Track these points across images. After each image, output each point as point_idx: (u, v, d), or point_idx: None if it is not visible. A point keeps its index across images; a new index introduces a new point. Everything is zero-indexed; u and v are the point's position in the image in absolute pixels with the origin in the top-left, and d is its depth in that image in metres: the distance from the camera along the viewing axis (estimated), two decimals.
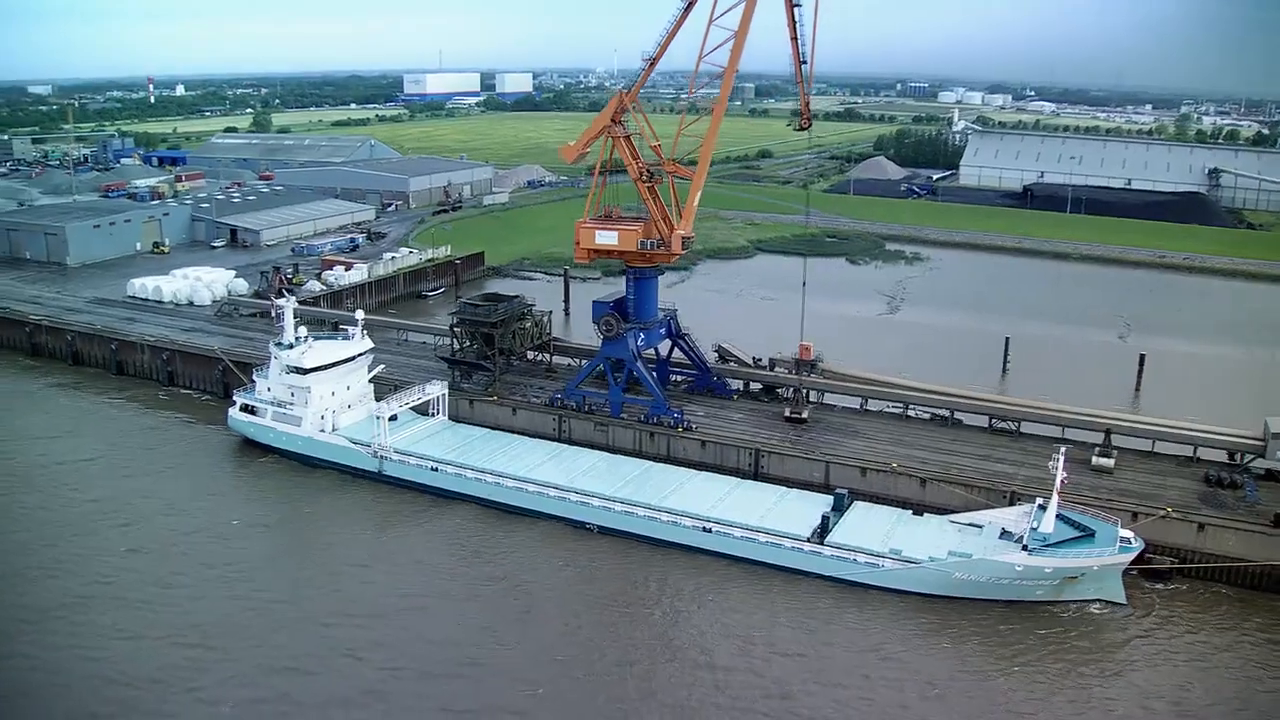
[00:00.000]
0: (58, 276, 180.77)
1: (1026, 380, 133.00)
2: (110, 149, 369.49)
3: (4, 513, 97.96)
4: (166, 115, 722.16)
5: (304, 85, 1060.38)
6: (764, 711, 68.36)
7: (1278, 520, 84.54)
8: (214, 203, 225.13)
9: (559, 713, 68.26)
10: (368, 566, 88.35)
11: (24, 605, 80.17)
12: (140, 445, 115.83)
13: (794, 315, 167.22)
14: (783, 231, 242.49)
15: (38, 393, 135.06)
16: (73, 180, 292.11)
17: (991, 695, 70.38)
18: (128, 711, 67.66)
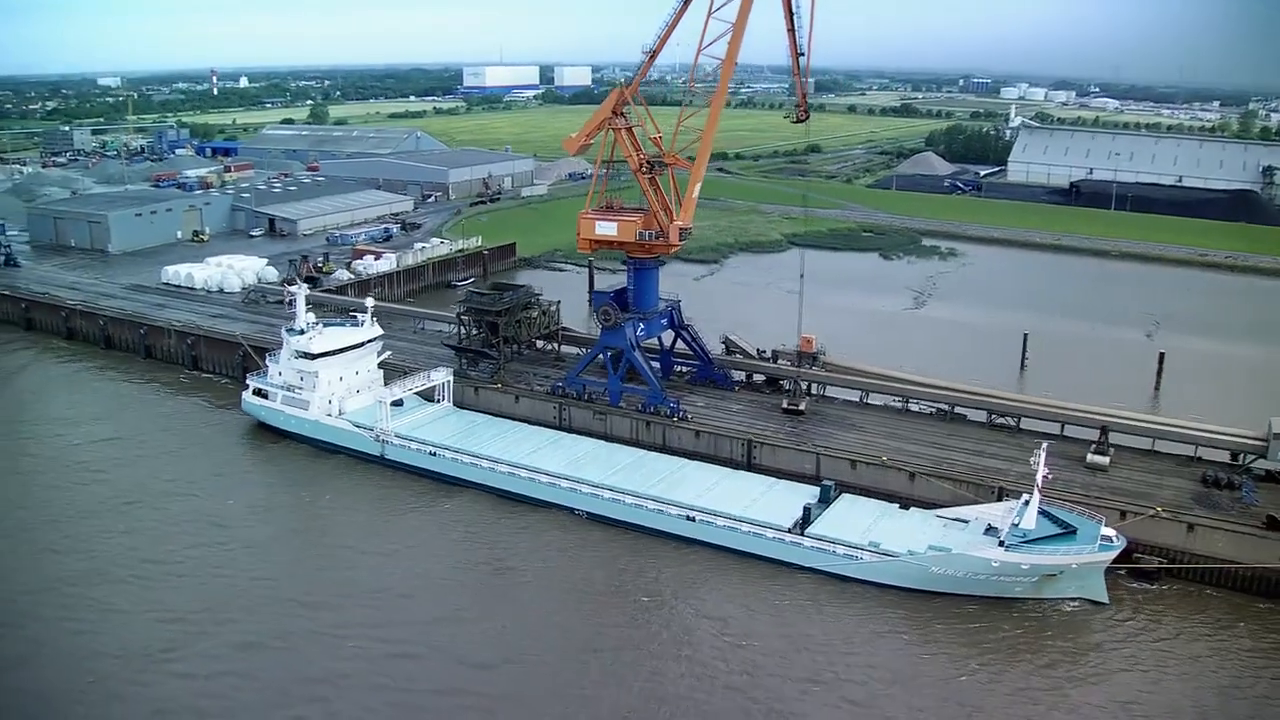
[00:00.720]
0: (99, 263, 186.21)
1: (1044, 377, 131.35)
2: (165, 140, 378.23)
3: (18, 490, 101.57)
4: (228, 107, 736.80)
5: (366, 78, 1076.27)
6: (722, 699, 68.73)
7: (1270, 522, 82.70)
8: (254, 193, 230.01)
9: (515, 695, 69.19)
10: (351, 547, 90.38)
11: (21, 580, 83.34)
12: (157, 426, 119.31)
13: (818, 309, 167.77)
14: (819, 226, 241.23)
15: (69, 375, 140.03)
16: (125, 170, 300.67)
17: (954, 692, 69.80)
18: (105, 679, 70.01)
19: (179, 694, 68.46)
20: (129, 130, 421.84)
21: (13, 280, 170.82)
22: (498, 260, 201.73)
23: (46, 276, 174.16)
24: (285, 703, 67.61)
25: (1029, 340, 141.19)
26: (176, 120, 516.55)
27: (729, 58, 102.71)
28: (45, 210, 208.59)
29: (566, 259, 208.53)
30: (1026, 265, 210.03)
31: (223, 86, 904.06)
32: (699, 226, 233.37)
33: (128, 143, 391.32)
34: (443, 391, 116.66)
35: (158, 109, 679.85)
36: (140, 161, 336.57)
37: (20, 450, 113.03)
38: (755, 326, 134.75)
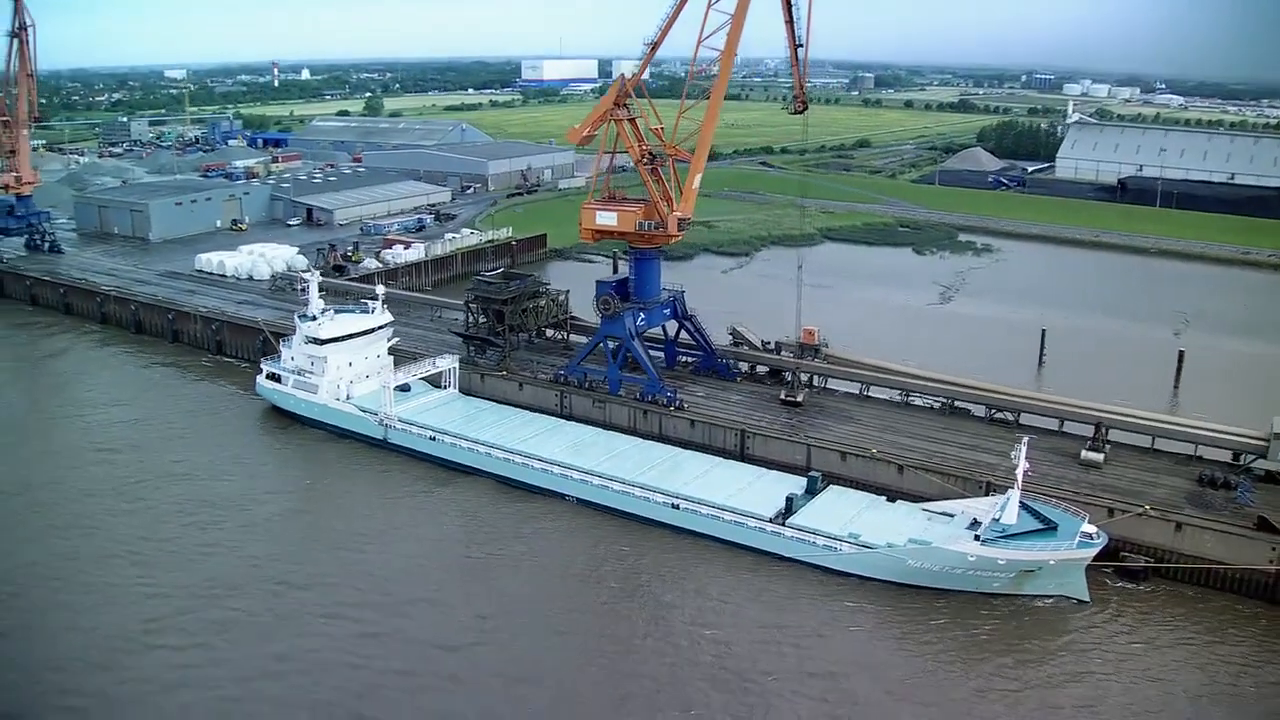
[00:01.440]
0: (139, 250, 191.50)
1: (1062, 374, 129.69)
2: (218, 131, 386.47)
3: (32, 467, 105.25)
4: (288, 99, 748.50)
5: (427, 71, 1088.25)
6: (677, 680, 69.31)
7: (1261, 523, 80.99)
8: (293, 183, 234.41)
9: (472, 672, 70.57)
10: (340, 529, 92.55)
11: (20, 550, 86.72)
12: (173, 409, 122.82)
13: (842, 302, 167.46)
14: (855, 220, 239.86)
15: (100, 358, 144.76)
16: (176, 160, 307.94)
17: (910, 689, 69.27)
18: (87, 649, 72.72)
19: (153, 665, 70.68)
20: (186, 122, 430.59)
21: (54, 266, 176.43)
22: (528, 251, 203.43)
23: (86, 263, 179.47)
24: (246, 677, 69.50)
25: (1049, 337, 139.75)
26: (234, 112, 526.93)
27: (728, 49, 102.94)
28: (91, 199, 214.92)
29: (597, 251, 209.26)
30: (1062, 262, 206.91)
31: (284, 79, 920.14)
32: (732, 220, 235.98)
33: (183, 134, 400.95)
34: (449, 378, 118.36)
35: (219, 101, 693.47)
36: (193, 152, 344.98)
37: (48, 429, 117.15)
38: (775, 319, 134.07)
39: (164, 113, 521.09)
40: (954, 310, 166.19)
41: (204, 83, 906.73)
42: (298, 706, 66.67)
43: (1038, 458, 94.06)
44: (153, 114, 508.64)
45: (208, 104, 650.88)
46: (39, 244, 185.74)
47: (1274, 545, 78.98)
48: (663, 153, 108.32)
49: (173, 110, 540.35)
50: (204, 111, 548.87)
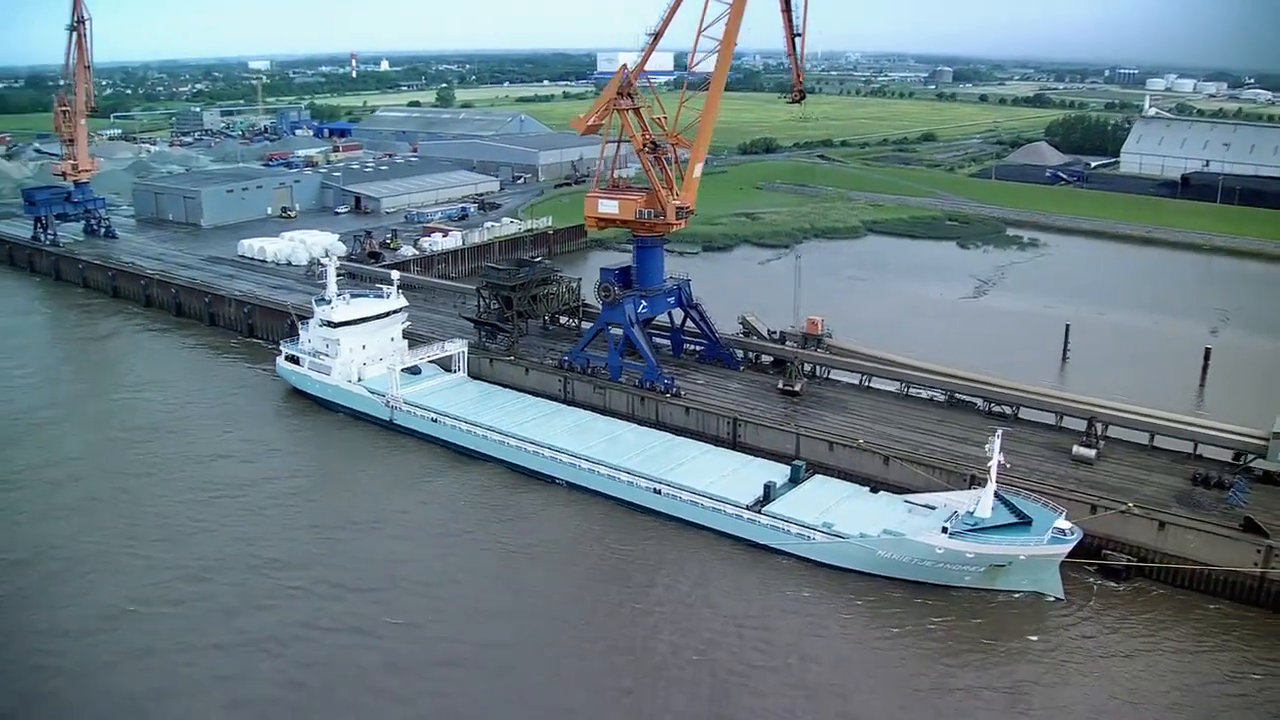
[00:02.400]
0: (189, 236, 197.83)
1: (1085, 370, 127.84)
2: (286, 121, 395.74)
3: (53, 445, 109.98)
4: (365, 90, 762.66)
5: (506, 62, 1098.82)
6: (610, 660, 70.12)
7: (1247, 524, 78.64)
8: (344, 171, 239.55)
9: (409, 639, 72.68)
10: (316, 501, 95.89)
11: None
12: (199, 388, 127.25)
13: (873, 295, 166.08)
14: (903, 214, 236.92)
15: (139, 339, 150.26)
16: (241, 149, 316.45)
17: (853, 682, 68.94)
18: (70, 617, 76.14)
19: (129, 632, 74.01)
20: (259, 112, 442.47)
21: (107, 251, 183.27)
22: (567, 240, 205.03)
23: (137, 247, 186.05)
24: (188, 648, 72.11)
25: (1080, 332, 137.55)
26: (307, 103, 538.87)
27: (727, 40, 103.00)
28: (148, 186, 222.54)
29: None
30: (1108, 257, 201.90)
31: (362, 70, 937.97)
32: (777, 212, 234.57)
33: (254, 124, 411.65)
34: (458, 362, 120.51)
35: (296, 92, 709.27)
36: (260, 141, 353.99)
37: (84, 407, 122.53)
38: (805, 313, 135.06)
39: (241, 103, 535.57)
40: (986, 304, 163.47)
41: (285, 74, 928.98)
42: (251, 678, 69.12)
43: (1029, 452, 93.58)
44: (231, 104, 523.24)
45: (285, 94, 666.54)
46: (95, 229, 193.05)
47: (1259, 547, 76.64)
48: (665, 142, 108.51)
49: (250, 101, 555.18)
50: (281, 102, 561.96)
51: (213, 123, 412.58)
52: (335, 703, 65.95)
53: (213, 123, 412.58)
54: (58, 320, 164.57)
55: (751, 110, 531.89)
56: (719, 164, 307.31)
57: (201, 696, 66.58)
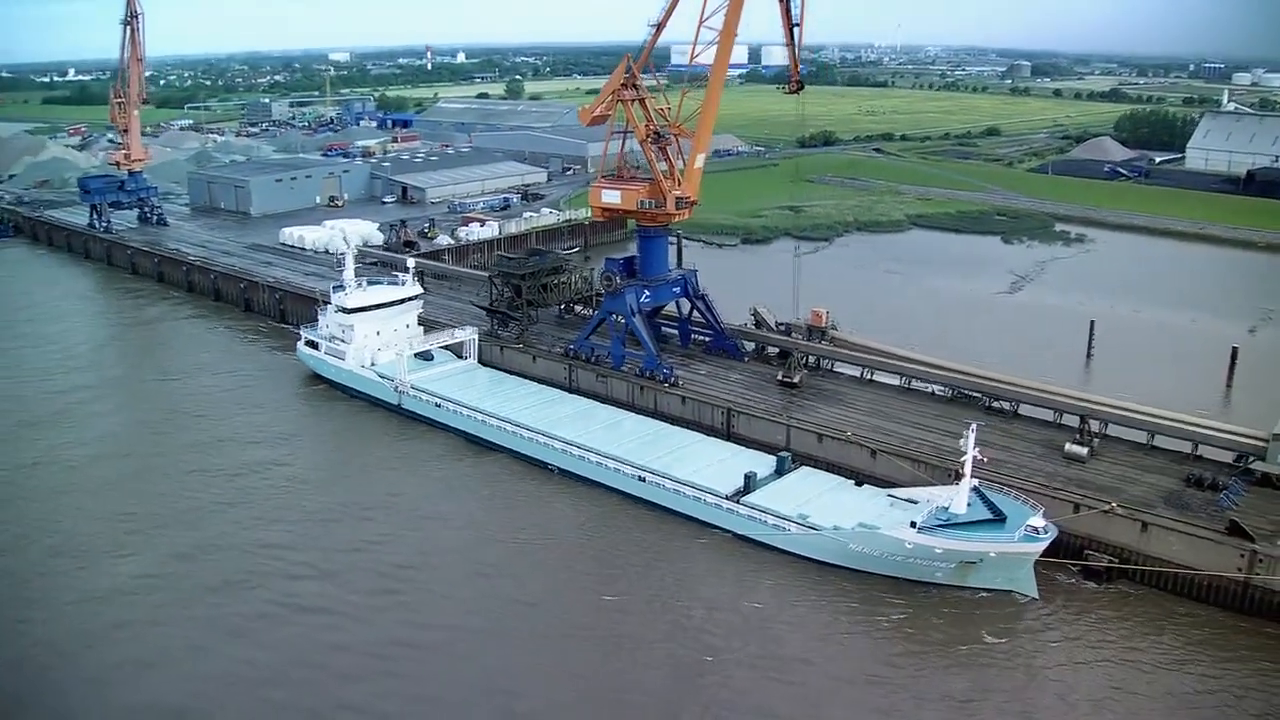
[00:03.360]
0: (237, 224, 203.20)
1: (1108, 368, 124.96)
2: (352, 112, 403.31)
3: (82, 424, 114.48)
4: (438, 82, 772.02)
5: (582, 55, 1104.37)
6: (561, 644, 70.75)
7: (1232, 528, 76.17)
8: (393, 162, 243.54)
9: (372, 620, 74.21)
10: (308, 483, 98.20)
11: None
12: (222, 371, 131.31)
13: (905, 289, 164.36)
14: (950, 208, 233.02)
15: (176, 323, 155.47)
16: (303, 140, 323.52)
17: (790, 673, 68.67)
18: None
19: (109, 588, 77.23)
20: (327, 103, 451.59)
21: (157, 238, 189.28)
22: (606, 231, 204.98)
23: (185, 235, 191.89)
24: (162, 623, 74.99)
25: (1110, 329, 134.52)
26: (379, 94, 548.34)
27: (726, 30, 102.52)
28: (202, 175, 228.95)
29: (680, 233, 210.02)
30: (1156, 254, 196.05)
31: (438, 62, 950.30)
32: (823, 205, 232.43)
33: (322, 115, 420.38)
34: (469, 349, 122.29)
35: (371, 83, 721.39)
36: (324, 132, 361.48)
37: (119, 390, 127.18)
38: (819, 302, 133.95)
39: (315, 95, 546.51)
40: (1019, 300, 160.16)
41: (363, 66, 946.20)
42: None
43: (1022, 449, 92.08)
44: (305, 95, 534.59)
45: (360, 86, 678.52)
46: (149, 217, 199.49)
47: (1243, 552, 74.22)
48: (668, 132, 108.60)
49: (325, 92, 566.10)
50: (356, 93, 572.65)
51: (280, 114, 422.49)
52: (291, 680, 67.69)
53: (280, 114, 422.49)
54: (105, 304, 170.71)
55: (821, 103, 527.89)
56: (771, 157, 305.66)
57: (170, 668, 68.99)
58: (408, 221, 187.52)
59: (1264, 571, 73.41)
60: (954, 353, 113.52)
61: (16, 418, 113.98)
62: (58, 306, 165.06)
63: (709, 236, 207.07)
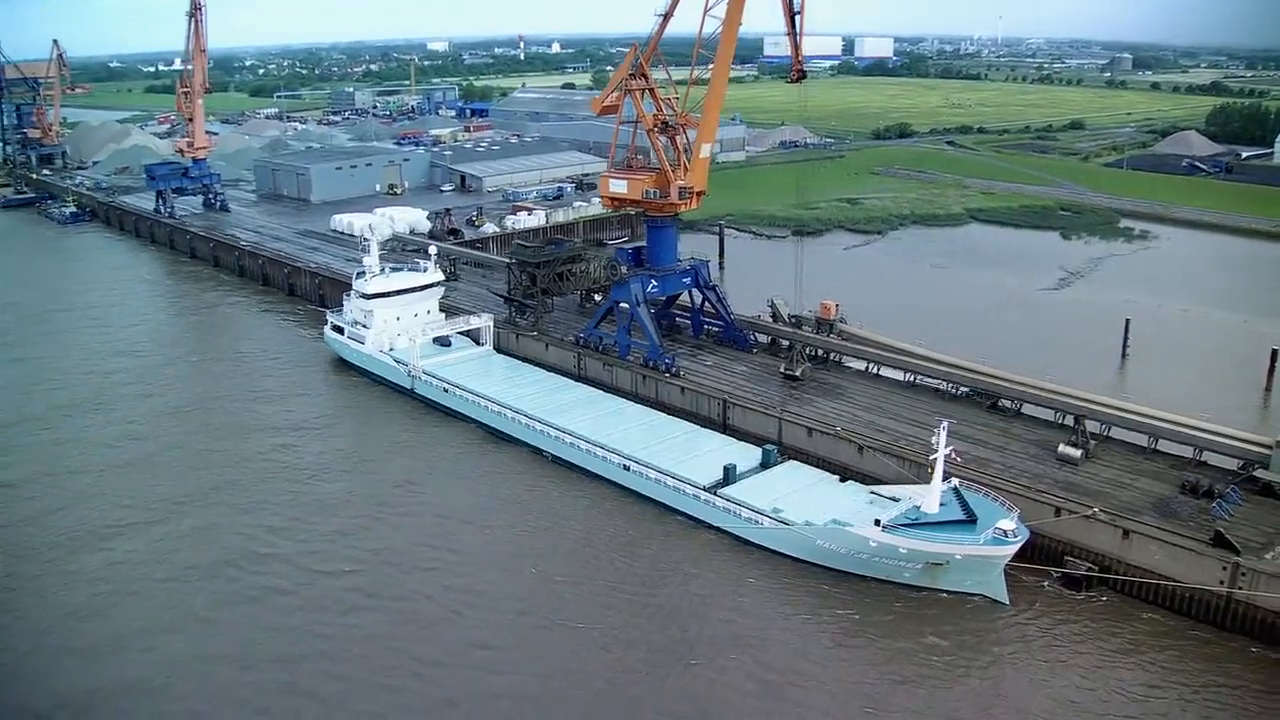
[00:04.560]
0: (297, 211, 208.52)
1: (1144, 370, 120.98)
2: (432, 101, 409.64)
3: (122, 407, 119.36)
4: (530, 71, 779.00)
5: (680, 45, 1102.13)
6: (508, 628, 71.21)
7: (1216, 538, 72.64)
8: (454, 150, 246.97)
9: (320, 592, 76.16)
10: (293, 454, 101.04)
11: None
12: (255, 353, 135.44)
13: (947, 283, 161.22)
14: (1013, 202, 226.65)
15: (221, 307, 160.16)
16: (379, 128, 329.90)
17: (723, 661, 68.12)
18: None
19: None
20: (411, 92, 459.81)
21: (217, 224, 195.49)
22: None
23: (244, 220, 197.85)
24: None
25: (1151, 328, 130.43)
26: (468, 84, 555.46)
27: (730, 19, 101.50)
28: (266, 163, 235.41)
29: (734, 224, 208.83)
30: (1223, 252, 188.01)
31: (531, 52, 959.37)
32: (881, 197, 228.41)
33: (404, 103, 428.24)
34: (485, 335, 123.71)
35: (464, 72, 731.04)
36: (401, 120, 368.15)
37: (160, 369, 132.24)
38: (867, 301, 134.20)
39: (404, 83, 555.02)
40: (1064, 296, 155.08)
41: (459, 55, 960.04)
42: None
43: (1017, 449, 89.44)
44: (396, 84, 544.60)
45: (453, 75, 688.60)
46: (212, 203, 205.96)
47: (1225, 564, 70.78)
48: (675, 122, 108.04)
49: (418, 81, 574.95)
50: (447, 81, 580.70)
51: (363, 102, 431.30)
52: (234, 639, 69.99)
53: (363, 102, 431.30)
54: (161, 286, 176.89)
55: (908, 96, 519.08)
56: (839, 149, 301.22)
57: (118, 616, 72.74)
58: (453, 210, 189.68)
59: (1247, 586, 69.88)
60: (979, 350, 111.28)
61: (53, 399, 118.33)
62: (120, 288, 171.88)
63: (760, 228, 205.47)
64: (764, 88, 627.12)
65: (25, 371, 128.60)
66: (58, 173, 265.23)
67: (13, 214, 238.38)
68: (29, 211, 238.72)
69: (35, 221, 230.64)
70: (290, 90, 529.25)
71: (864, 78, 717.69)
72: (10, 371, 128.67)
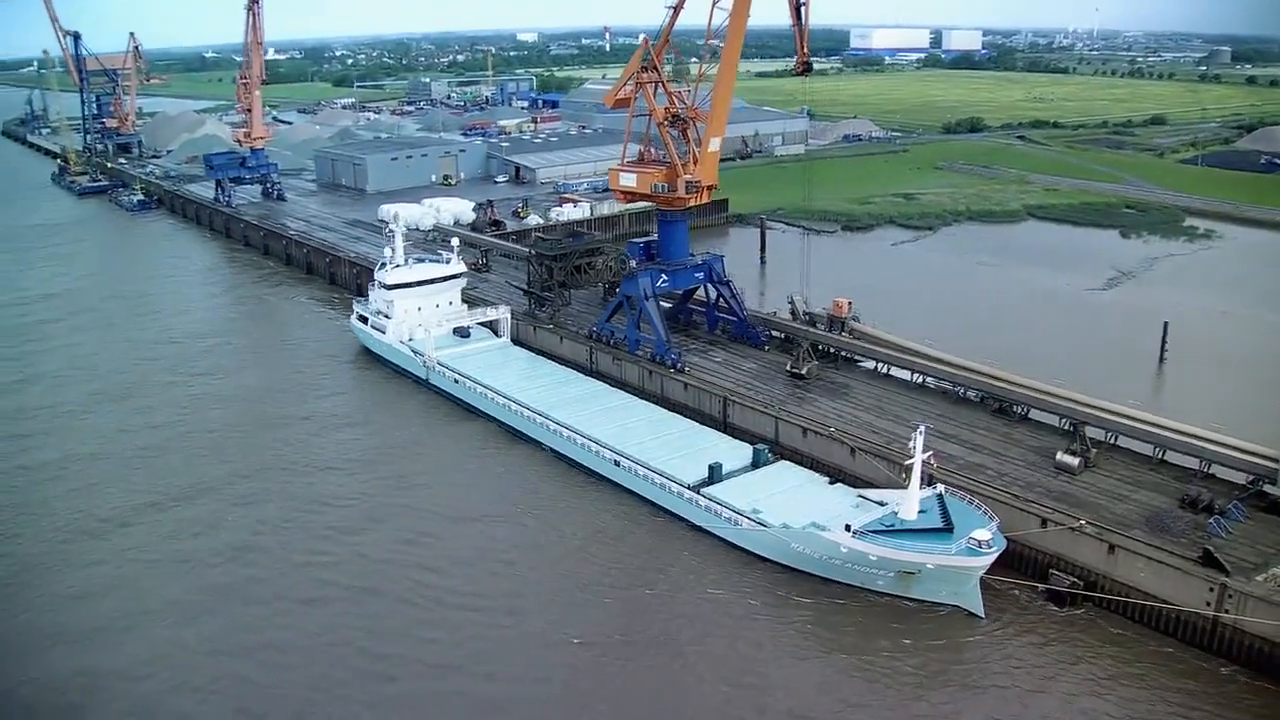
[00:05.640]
0: (353, 201, 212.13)
1: (1182, 377, 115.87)
2: (505, 92, 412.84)
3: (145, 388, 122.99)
4: (616, 62, 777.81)
5: (766, 38, 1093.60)
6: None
7: (1205, 557, 68.96)
8: (511, 141, 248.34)
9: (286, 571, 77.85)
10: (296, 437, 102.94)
11: None
12: (285, 340, 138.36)
13: (988, 281, 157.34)
14: (1075, 199, 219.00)
15: (263, 293, 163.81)
16: (447, 118, 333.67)
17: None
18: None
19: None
20: (489, 82, 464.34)
21: (271, 212, 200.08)
22: (707, 215, 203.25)
23: (297, 210, 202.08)
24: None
25: (1197, 332, 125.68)
26: (549, 75, 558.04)
27: (737, 10, 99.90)
28: (326, 153, 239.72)
29: (784, 219, 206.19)
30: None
31: (618, 43, 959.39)
32: (939, 192, 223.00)
33: (479, 94, 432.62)
34: (503, 327, 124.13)
35: (550, 63, 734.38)
36: (473, 111, 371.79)
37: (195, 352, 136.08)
38: (886, 294, 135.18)
39: (490, 74, 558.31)
40: (1110, 297, 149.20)
41: (546, 46, 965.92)
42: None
43: (1015, 456, 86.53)
44: (476, 75, 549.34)
45: (537, 66, 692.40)
46: (270, 192, 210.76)
47: (1212, 585, 67.12)
48: (686, 116, 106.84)
49: (501, 72, 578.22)
50: (529, 72, 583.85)
51: (439, 93, 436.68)
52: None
53: (439, 93, 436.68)
54: (214, 275, 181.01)
55: (990, 89, 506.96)
56: (904, 143, 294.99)
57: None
58: (501, 201, 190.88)
59: (1233, 609, 66.20)
60: (1008, 350, 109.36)
61: (90, 386, 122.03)
62: (175, 275, 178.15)
63: (810, 223, 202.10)
64: (845, 80, 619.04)
65: (67, 358, 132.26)
66: (132, 161, 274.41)
67: (87, 201, 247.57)
68: (102, 199, 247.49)
69: (106, 209, 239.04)
70: (373, 80, 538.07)
71: (948, 71, 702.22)
72: (53, 359, 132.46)
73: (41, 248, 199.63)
